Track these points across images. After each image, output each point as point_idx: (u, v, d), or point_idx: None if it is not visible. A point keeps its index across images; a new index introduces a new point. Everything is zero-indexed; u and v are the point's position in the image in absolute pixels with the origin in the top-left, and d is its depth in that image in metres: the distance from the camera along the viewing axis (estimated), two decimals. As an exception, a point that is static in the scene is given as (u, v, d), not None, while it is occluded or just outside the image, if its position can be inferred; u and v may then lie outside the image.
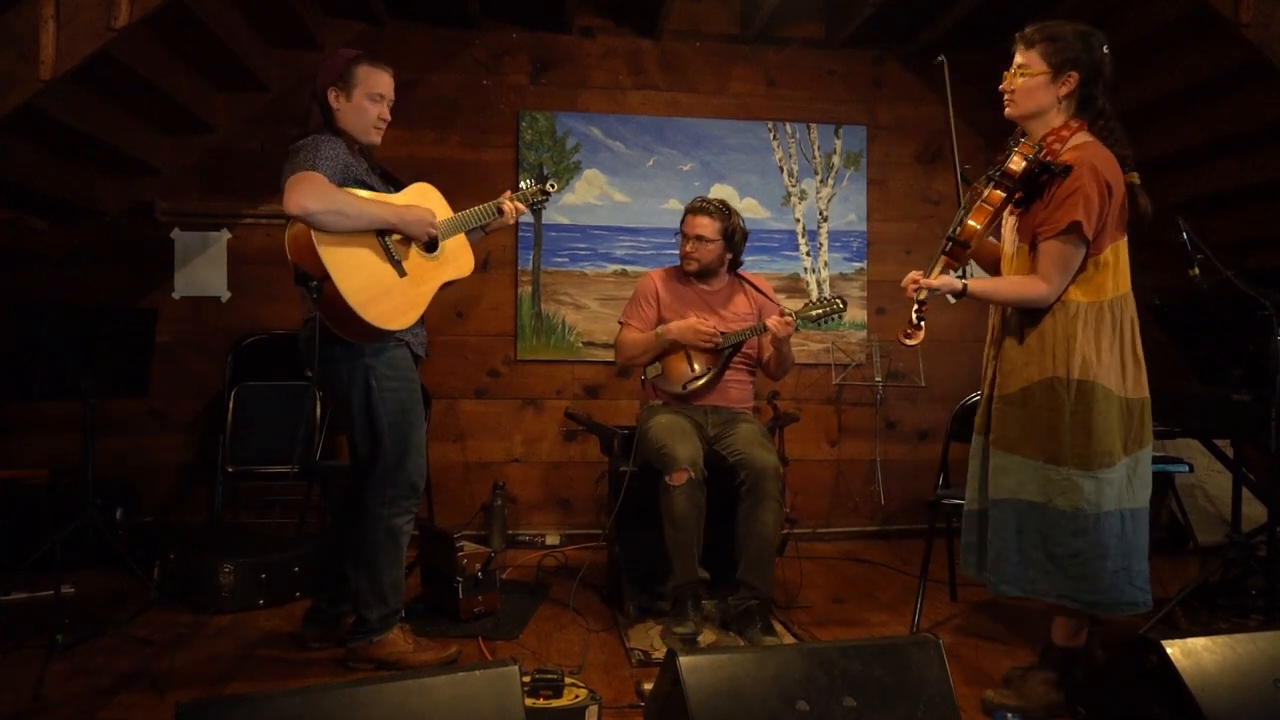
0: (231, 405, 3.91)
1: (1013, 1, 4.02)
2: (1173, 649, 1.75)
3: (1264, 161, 4.02)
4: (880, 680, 1.68)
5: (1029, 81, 2.17)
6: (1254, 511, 3.61)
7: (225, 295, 4.21)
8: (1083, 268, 2.14)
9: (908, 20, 4.28)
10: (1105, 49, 2.17)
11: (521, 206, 2.78)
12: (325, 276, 2.31)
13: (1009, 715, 2.18)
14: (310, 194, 2.28)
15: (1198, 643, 1.78)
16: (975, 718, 2.24)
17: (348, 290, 2.32)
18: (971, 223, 2.16)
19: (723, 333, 3.07)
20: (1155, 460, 3.11)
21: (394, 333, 2.46)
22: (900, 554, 4.07)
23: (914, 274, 2.21)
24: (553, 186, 2.88)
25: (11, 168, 3.33)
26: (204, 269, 4.19)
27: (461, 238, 2.68)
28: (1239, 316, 2.87)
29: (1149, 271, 4.67)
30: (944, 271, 2.20)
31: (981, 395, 2.34)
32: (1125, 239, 2.17)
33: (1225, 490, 3.82)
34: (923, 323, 2.17)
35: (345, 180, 2.42)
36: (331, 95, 2.50)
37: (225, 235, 4.21)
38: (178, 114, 3.86)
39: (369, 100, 2.52)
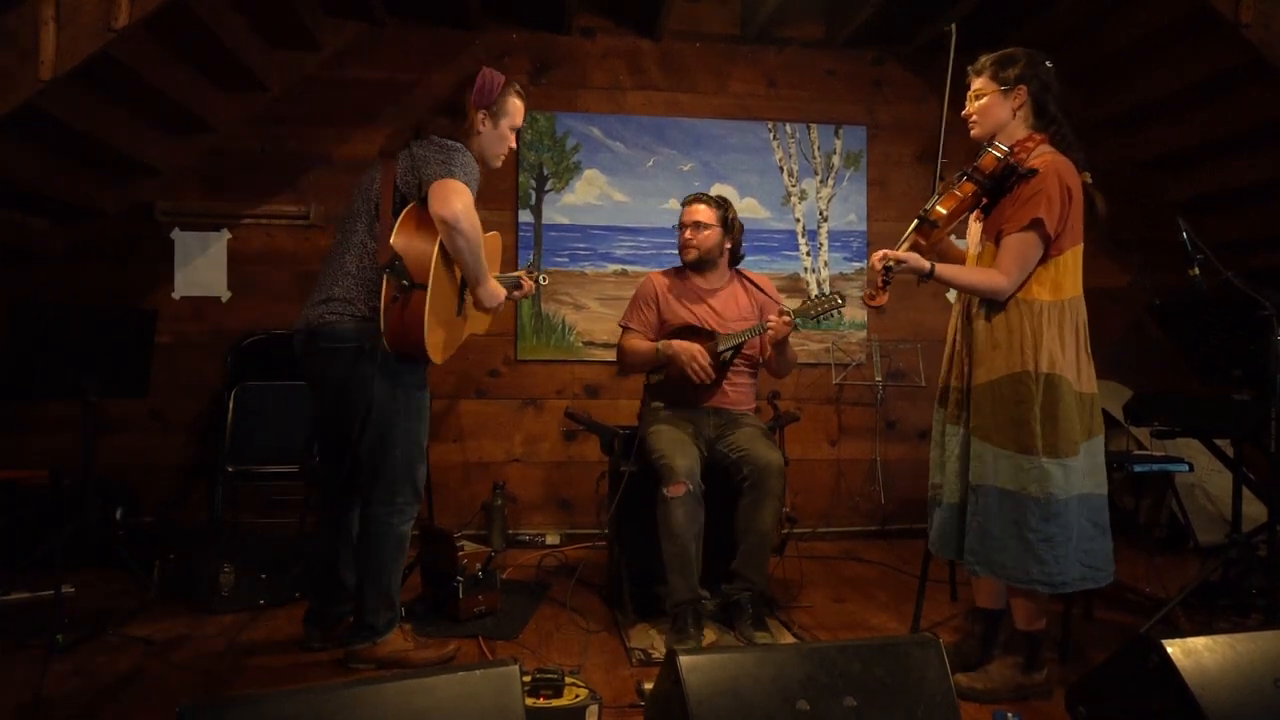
0: (231, 405, 3.90)
1: (1012, 2, 4.03)
2: (1173, 649, 1.76)
3: (1265, 161, 4.02)
4: (880, 680, 1.68)
5: (984, 102, 2.38)
6: (1254, 511, 3.61)
7: (225, 295, 4.21)
8: (1045, 266, 2.28)
9: (907, 20, 4.28)
10: (1048, 64, 2.36)
11: (530, 286, 2.88)
12: (424, 285, 2.32)
13: (1009, 715, 2.20)
14: (466, 207, 2.30)
15: (1198, 642, 1.78)
16: (975, 717, 2.24)
17: (431, 309, 2.34)
18: (940, 208, 2.31)
19: (722, 335, 3.07)
20: (1155, 460, 3.16)
21: (429, 361, 2.48)
22: (900, 554, 4.07)
23: (881, 251, 2.31)
24: (545, 279, 3.00)
25: (12, 167, 3.33)
26: (204, 269, 4.20)
27: None
28: (1239, 317, 2.88)
29: (1149, 271, 4.70)
30: (912, 249, 2.32)
31: (951, 388, 2.46)
32: (1081, 246, 2.33)
33: (1225, 490, 3.82)
34: (887, 287, 2.29)
35: None
36: (480, 117, 2.53)
37: (225, 235, 4.21)
38: (178, 114, 3.86)
39: (510, 130, 2.60)
